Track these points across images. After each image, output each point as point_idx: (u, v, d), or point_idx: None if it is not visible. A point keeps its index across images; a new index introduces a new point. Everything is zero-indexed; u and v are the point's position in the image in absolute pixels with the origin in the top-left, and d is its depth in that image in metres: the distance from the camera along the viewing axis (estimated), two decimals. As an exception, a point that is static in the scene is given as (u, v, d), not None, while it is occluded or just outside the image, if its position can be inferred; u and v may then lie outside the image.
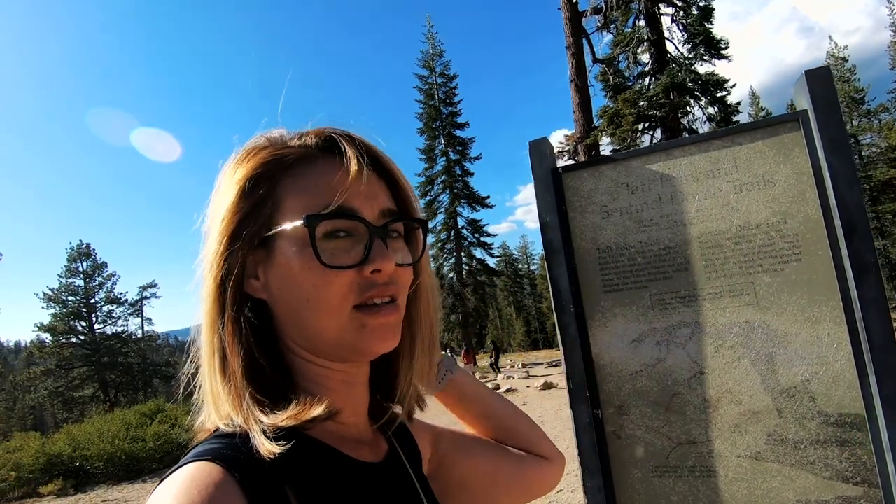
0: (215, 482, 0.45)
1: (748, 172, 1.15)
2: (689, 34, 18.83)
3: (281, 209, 0.55)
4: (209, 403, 0.58)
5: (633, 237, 1.24)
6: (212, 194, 0.60)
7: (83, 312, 34.43)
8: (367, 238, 0.55)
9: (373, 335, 0.56)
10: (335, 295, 0.54)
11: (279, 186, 0.56)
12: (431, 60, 35.96)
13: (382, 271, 0.56)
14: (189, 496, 0.43)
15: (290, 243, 0.54)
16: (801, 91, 1.11)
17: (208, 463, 0.47)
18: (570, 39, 16.08)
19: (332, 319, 0.55)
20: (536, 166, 1.33)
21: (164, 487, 0.46)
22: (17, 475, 9.38)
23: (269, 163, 0.57)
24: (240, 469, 0.47)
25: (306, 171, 0.57)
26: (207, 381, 0.57)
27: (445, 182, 35.11)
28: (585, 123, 16.30)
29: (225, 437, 0.52)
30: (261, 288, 0.57)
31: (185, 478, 0.45)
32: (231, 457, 0.48)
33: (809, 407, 1.06)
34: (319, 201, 0.54)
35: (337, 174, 0.56)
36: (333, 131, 0.60)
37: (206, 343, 0.57)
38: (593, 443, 1.21)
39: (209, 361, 0.57)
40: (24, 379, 35.18)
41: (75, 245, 35.33)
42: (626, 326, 1.22)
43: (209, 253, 0.57)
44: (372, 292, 0.56)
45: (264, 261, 0.56)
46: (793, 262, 1.09)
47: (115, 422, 11.73)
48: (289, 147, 0.59)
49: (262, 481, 0.47)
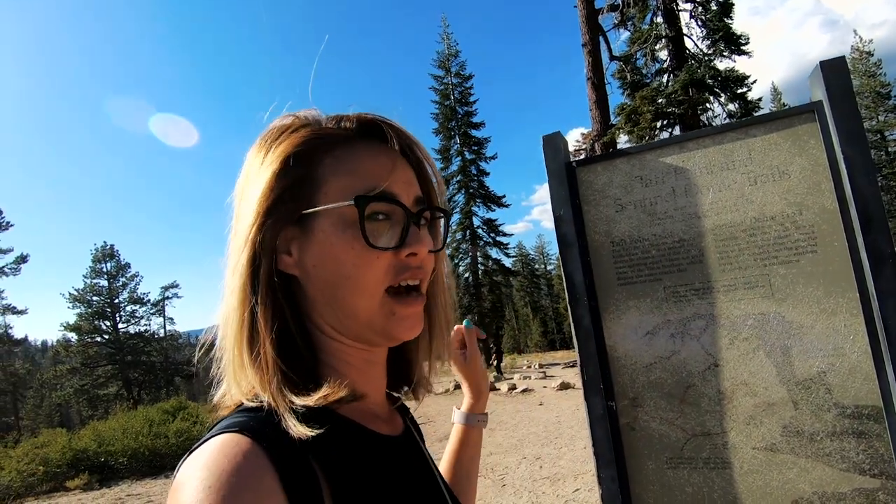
0: (244, 452, 0.45)
1: (763, 164, 1.14)
2: (709, 30, 18.55)
3: (323, 188, 0.56)
4: (230, 376, 0.58)
5: (647, 230, 1.24)
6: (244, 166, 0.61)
7: (107, 312, 35.22)
8: (404, 223, 0.58)
9: (400, 323, 0.59)
10: (373, 275, 0.56)
11: (321, 166, 0.57)
12: (447, 61, 36.00)
13: (418, 255, 0.58)
14: (219, 465, 0.44)
15: (333, 222, 0.56)
16: (816, 82, 1.11)
17: (237, 434, 0.47)
18: (586, 37, 15.96)
19: (366, 299, 0.57)
20: (550, 161, 1.34)
21: (193, 458, 0.47)
22: (45, 470, 9.65)
23: (310, 141, 0.58)
24: (267, 440, 0.47)
25: (348, 153, 0.58)
26: (231, 354, 0.57)
27: (461, 182, 35.11)
28: (602, 121, 16.16)
29: (250, 411, 0.53)
30: (293, 264, 0.57)
31: (214, 448, 0.46)
32: (258, 429, 0.49)
33: (825, 399, 1.06)
34: (364, 184, 0.56)
35: (379, 159, 0.59)
36: (376, 117, 0.62)
37: (235, 315, 0.56)
38: (607, 434, 1.22)
39: (236, 334, 0.56)
40: (50, 377, 36.13)
41: (100, 246, 36.17)
42: (640, 319, 1.23)
43: (244, 225, 0.57)
44: (406, 274, 0.58)
45: (299, 237, 0.57)
46: (808, 254, 1.09)
47: (139, 419, 11.99)
48: (329, 129, 0.60)
49: (289, 453, 0.48)
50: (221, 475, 0.43)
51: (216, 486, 0.42)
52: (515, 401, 13.80)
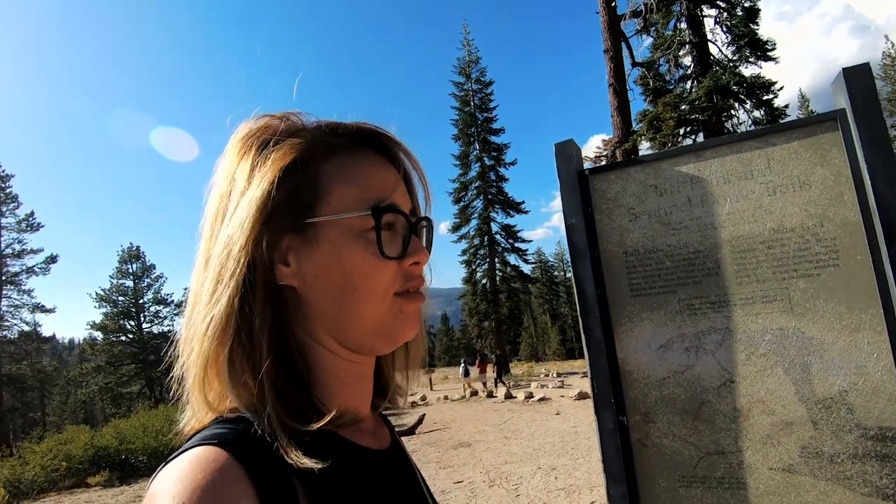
0: (221, 467, 0.44)
1: (783, 174, 1.11)
2: (734, 36, 18.25)
3: (326, 198, 0.55)
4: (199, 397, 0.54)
5: (662, 240, 1.21)
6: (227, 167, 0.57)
7: (132, 312, 36.00)
8: (405, 233, 0.58)
9: (406, 321, 0.59)
10: (382, 282, 0.56)
11: (321, 174, 0.56)
12: (467, 67, 36.09)
13: (420, 263, 0.60)
14: (194, 480, 0.42)
15: (342, 231, 0.55)
16: (839, 89, 1.07)
17: (214, 447, 0.45)
18: (608, 43, 15.85)
19: (375, 306, 0.56)
20: (563, 169, 1.32)
21: (168, 469, 0.45)
22: (68, 466, 9.88)
23: (309, 148, 0.56)
24: (246, 456, 0.46)
25: (349, 163, 0.57)
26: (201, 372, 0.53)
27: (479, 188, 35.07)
28: (624, 128, 16.01)
29: (230, 422, 0.51)
30: (291, 275, 0.55)
31: (190, 461, 0.44)
32: (238, 442, 0.47)
33: (847, 419, 1.02)
34: (370, 195, 0.56)
35: (382, 170, 0.59)
36: (376, 128, 0.61)
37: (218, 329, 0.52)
38: (618, 450, 1.19)
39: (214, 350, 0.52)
40: (76, 374, 37.05)
41: (126, 248, 37.05)
42: (653, 332, 1.20)
43: (235, 232, 0.53)
44: (411, 283, 0.59)
45: (297, 247, 0.55)
46: (830, 267, 1.05)
47: (159, 417, 12.20)
48: (327, 135, 0.58)
49: (269, 470, 0.46)
50: (196, 491, 0.41)
51: (192, 499, 0.41)
52: (532, 409, 13.67)
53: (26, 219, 33.24)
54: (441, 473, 7.80)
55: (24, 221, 33.16)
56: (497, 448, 9.20)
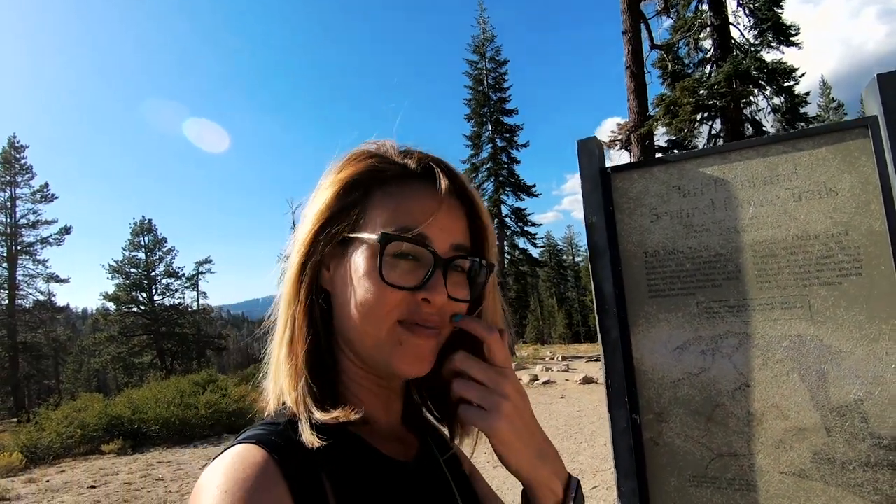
0: (259, 462, 0.50)
1: (809, 180, 1.10)
2: (757, 19, 17.78)
3: (366, 217, 0.61)
4: (271, 372, 0.64)
5: (683, 242, 1.21)
6: (320, 180, 0.66)
7: (144, 284, 36.51)
8: (430, 268, 0.58)
9: (405, 355, 0.59)
10: (383, 308, 0.58)
11: (371, 196, 0.62)
12: (482, 45, 35.50)
13: (432, 303, 0.58)
14: (236, 472, 0.49)
15: (363, 251, 0.59)
16: (871, 96, 1.05)
17: (253, 446, 0.52)
18: (626, 24, 15.50)
19: (374, 327, 0.58)
20: (585, 166, 1.32)
21: (214, 464, 0.52)
22: (83, 433, 10.15)
23: (368, 172, 0.62)
24: (281, 453, 0.52)
25: (398, 190, 0.62)
26: (275, 353, 0.63)
27: (491, 169, 34.81)
28: (640, 112, 15.75)
29: (271, 425, 0.58)
30: (328, 280, 0.63)
31: (232, 457, 0.52)
32: (274, 442, 0.53)
33: (861, 427, 1.02)
34: (401, 221, 0.59)
35: (423, 201, 0.61)
36: (434, 160, 0.64)
37: (282, 317, 0.63)
38: (630, 447, 1.21)
39: (280, 334, 0.63)
40: (89, 343, 37.81)
41: (138, 220, 37.40)
42: (670, 333, 1.21)
43: (298, 237, 0.62)
44: (416, 317, 0.59)
45: (338, 257, 0.62)
46: (852, 276, 1.05)
47: (171, 389, 12.45)
48: (390, 162, 0.63)
49: (300, 466, 0.53)
50: (238, 481, 0.48)
51: (232, 489, 0.48)
52: (537, 392, 13.78)
53: (41, 189, 33.59)
54: (446, 452, 7.93)
55: (38, 192, 33.52)
56: (501, 429, 9.30)
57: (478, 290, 0.65)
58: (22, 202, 33.15)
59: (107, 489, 7.28)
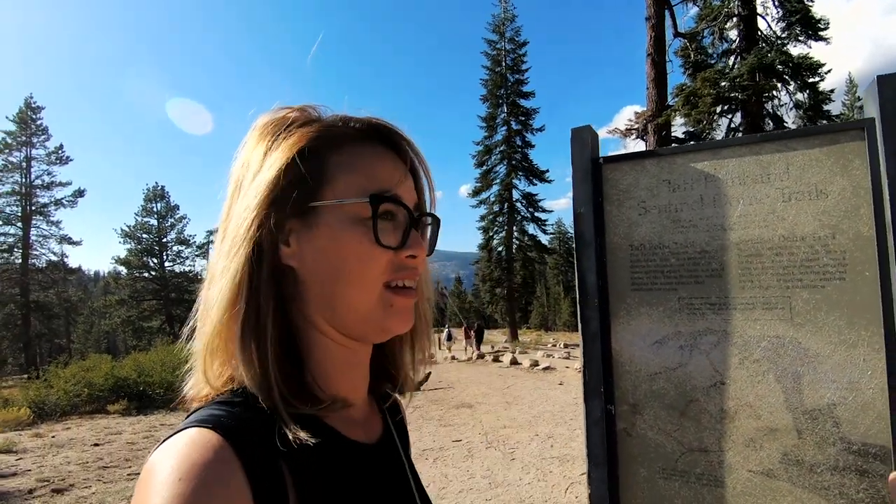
0: (215, 448, 0.46)
1: (800, 180, 1.08)
2: (786, 11, 17.25)
3: (330, 184, 0.58)
4: (204, 366, 0.57)
5: (669, 237, 1.20)
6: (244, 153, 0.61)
7: (155, 250, 37.00)
8: (406, 225, 0.60)
9: (396, 315, 0.60)
10: (375, 269, 0.58)
11: (328, 163, 0.59)
12: (502, 25, 34.85)
13: (417, 257, 0.61)
14: (190, 458, 0.45)
15: (341, 217, 0.57)
16: (870, 97, 1.02)
17: (208, 430, 0.48)
18: (651, 10, 15.15)
19: (365, 294, 0.58)
20: (577, 155, 1.30)
21: (165, 447, 0.48)
22: (90, 392, 10.40)
23: (319, 137, 0.59)
24: (237, 438, 0.48)
25: (357, 153, 0.60)
26: (212, 343, 0.56)
27: (504, 152, 34.44)
28: (659, 101, 15.47)
29: (225, 405, 0.53)
30: (290, 255, 0.58)
31: (186, 441, 0.47)
32: (230, 425, 0.49)
33: (832, 432, 1.02)
34: (373, 185, 0.58)
35: (388, 163, 0.61)
36: (385, 123, 0.63)
37: (226, 303, 0.55)
38: (603, 437, 1.22)
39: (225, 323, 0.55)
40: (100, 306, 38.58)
41: (151, 187, 37.71)
42: (650, 327, 1.21)
43: (246, 212, 0.56)
44: (403, 273, 0.60)
45: (299, 229, 0.57)
46: (836, 280, 1.04)
47: (177, 354, 12.68)
48: (337, 126, 0.62)
49: (259, 454, 0.49)
50: (192, 468, 0.44)
51: (186, 477, 0.44)
52: (536, 378, 13.88)
53: (56, 151, 33.88)
54: (441, 431, 8.05)
55: (53, 154, 33.82)
56: (497, 412, 9.42)
57: (433, 244, 0.69)
58: (37, 163, 33.51)
59: (110, 447, 7.49)
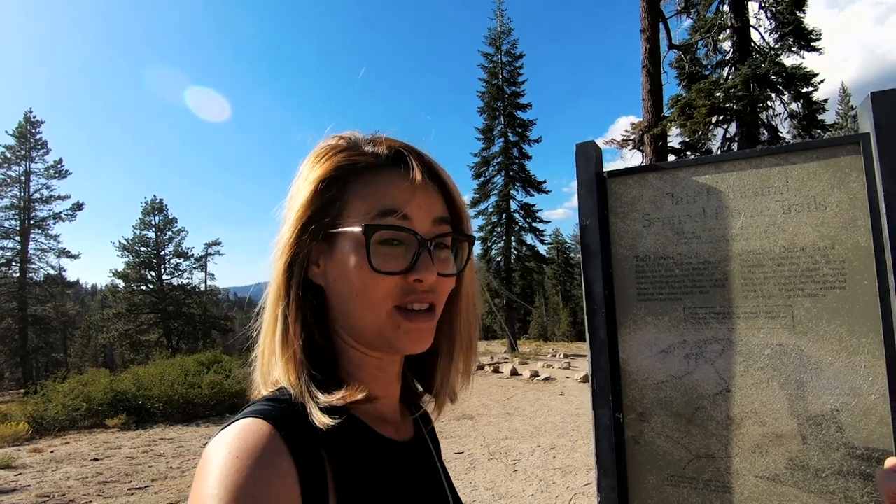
0: (265, 434, 0.52)
1: (799, 193, 1.12)
2: (778, 22, 17.50)
3: (347, 210, 0.62)
4: (261, 366, 0.66)
5: (673, 248, 1.23)
6: (296, 177, 0.68)
7: (153, 263, 36.90)
8: (416, 248, 0.62)
9: (407, 336, 0.63)
10: (379, 294, 0.61)
11: (348, 190, 0.63)
12: (498, 38, 35.19)
13: (424, 281, 0.62)
14: (244, 442, 0.51)
15: (349, 243, 0.61)
16: (865, 113, 1.07)
17: (259, 419, 0.54)
18: (645, 22, 15.34)
19: (373, 314, 0.62)
20: (581, 169, 1.34)
21: (222, 434, 0.54)
22: (88, 407, 10.34)
23: (343, 167, 0.64)
24: (285, 427, 0.54)
25: (373, 179, 0.64)
26: (266, 348, 0.65)
27: (501, 164, 34.61)
28: (654, 112, 15.62)
29: (273, 401, 0.60)
30: (320, 275, 0.65)
31: (240, 429, 0.53)
32: (278, 417, 0.56)
33: (836, 437, 1.05)
34: (379, 210, 0.61)
35: (399, 185, 0.63)
36: (402, 145, 0.66)
37: (270, 316, 0.65)
38: (612, 445, 1.24)
39: (270, 332, 0.65)
40: (98, 319, 38.34)
41: (150, 200, 37.72)
42: (656, 336, 1.24)
43: (282, 237, 0.64)
44: (412, 297, 0.62)
45: (326, 252, 0.64)
46: (836, 290, 1.07)
47: (176, 367, 12.64)
48: (361, 153, 0.65)
49: (303, 441, 0.55)
50: (247, 448, 0.51)
51: (242, 457, 0.50)
52: (536, 388, 13.84)
53: (55, 165, 33.92)
54: (443, 443, 8.01)
55: (52, 168, 33.86)
56: (499, 423, 9.39)
57: (462, 263, 0.70)
58: (36, 177, 33.52)
59: (109, 462, 7.43)
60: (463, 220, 0.70)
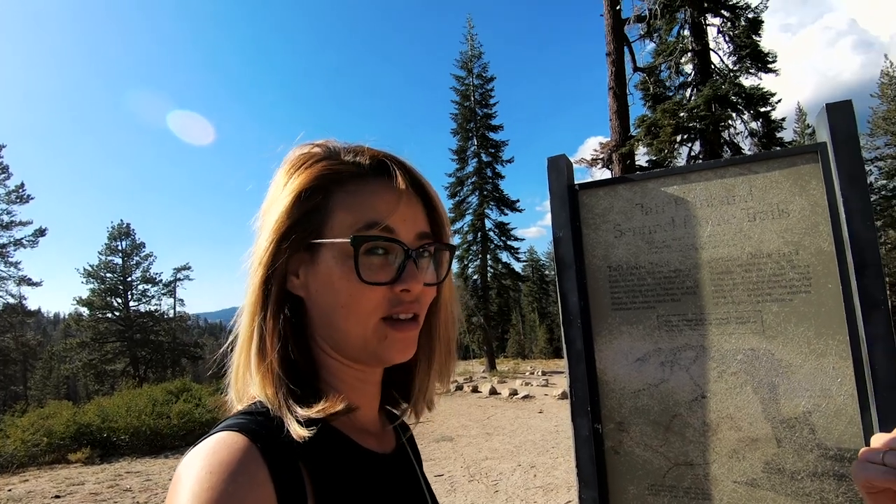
0: (241, 448, 0.51)
1: (763, 201, 1.15)
2: (736, 46, 18.33)
3: (330, 221, 0.61)
4: (235, 381, 0.65)
5: (645, 257, 1.25)
6: (270, 188, 0.66)
7: (120, 289, 35.74)
8: (402, 259, 0.62)
9: (392, 346, 0.63)
10: (367, 306, 0.60)
11: (331, 200, 0.62)
12: (470, 62, 35.87)
13: (411, 291, 0.62)
14: (219, 455, 0.50)
15: (335, 254, 0.60)
16: (821, 123, 1.11)
17: (236, 433, 0.53)
18: (610, 46, 15.89)
19: (360, 326, 0.61)
20: (553, 182, 1.36)
21: (197, 448, 0.53)
22: (49, 441, 9.83)
23: (325, 176, 0.63)
24: (262, 441, 0.53)
25: (358, 189, 0.63)
26: (241, 363, 0.63)
27: (475, 183, 34.98)
28: (622, 132, 16.08)
29: (250, 414, 0.58)
30: (300, 286, 0.63)
31: (214, 443, 0.52)
32: (255, 430, 0.54)
33: (809, 439, 1.07)
34: (365, 221, 0.61)
35: (384, 196, 0.63)
36: (386, 155, 0.66)
37: (246, 329, 0.63)
38: (591, 456, 1.24)
39: (246, 346, 0.63)
40: (60, 349, 36.75)
41: (116, 224, 36.72)
42: (631, 345, 1.24)
43: (259, 248, 0.62)
44: (399, 308, 0.62)
45: (307, 263, 0.62)
46: (802, 294, 1.10)
47: (143, 397, 12.16)
48: (343, 163, 0.64)
49: (280, 454, 0.53)
50: (221, 463, 0.49)
51: (217, 470, 0.48)
52: (515, 406, 13.78)
53: (16, 190, 32.78)
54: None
55: (13, 193, 32.71)
56: (478, 443, 9.29)
57: (445, 271, 0.70)
58: (-5, 202, 32.33)
59: (72, 499, 7.05)
60: (444, 230, 0.70)
